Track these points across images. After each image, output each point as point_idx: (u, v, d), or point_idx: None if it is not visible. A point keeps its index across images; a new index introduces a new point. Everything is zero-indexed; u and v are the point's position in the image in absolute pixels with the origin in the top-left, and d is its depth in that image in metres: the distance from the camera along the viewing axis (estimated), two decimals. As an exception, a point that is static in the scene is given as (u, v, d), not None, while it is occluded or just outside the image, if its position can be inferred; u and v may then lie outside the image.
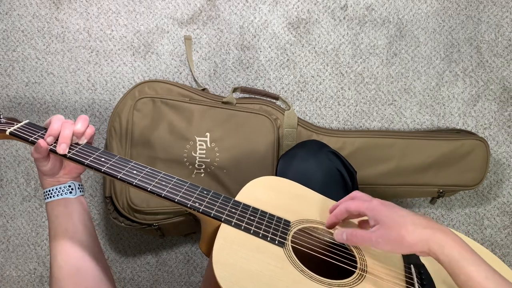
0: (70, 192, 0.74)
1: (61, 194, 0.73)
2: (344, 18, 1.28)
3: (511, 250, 1.26)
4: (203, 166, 1.07)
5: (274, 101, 1.18)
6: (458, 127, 1.26)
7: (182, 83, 1.15)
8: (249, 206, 0.70)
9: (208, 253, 0.71)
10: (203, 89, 1.17)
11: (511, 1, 1.28)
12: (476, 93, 1.27)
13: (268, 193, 0.74)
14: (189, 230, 1.20)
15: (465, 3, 1.28)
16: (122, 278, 1.28)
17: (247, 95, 1.21)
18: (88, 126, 0.74)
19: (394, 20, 1.28)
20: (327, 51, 1.28)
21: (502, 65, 1.27)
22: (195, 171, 1.07)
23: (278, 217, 0.70)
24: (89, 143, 0.75)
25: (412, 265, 0.68)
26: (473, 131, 1.25)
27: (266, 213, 0.70)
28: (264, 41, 1.28)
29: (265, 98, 1.17)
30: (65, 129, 0.71)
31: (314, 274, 0.64)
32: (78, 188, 0.76)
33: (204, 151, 1.07)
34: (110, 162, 0.72)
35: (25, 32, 1.29)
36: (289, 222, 0.70)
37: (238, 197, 0.72)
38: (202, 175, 1.07)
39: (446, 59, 1.27)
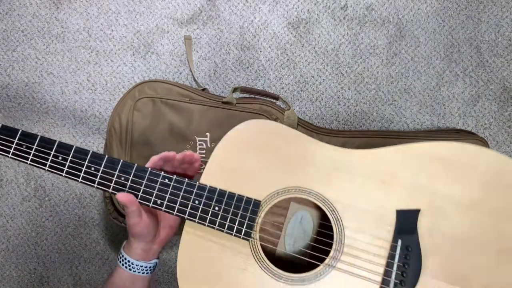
0: (148, 272, 0.70)
1: (140, 272, 0.69)
2: (344, 18, 1.28)
3: None
4: (203, 167, 1.07)
5: (274, 101, 1.18)
6: (458, 127, 1.26)
7: (182, 83, 1.15)
8: (215, 190, 0.64)
9: None
10: (203, 89, 1.17)
11: (511, 1, 1.28)
12: (476, 93, 1.27)
13: (243, 155, 0.65)
14: (189, 230, 1.20)
15: (465, 3, 1.28)
16: (122, 278, 1.28)
17: (247, 95, 1.21)
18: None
19: (394, 20, 1.28)
20: (327, 51, 1.28)
21: (502, 65, 1.27)
22: (195, 171, 1.07)
23: (247, 199, 0.64)
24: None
25: (400, 240, 0.61)
26: (473, 131, 1.25)
27: (233, 195, 0.64)
28: (264, 41, 1.28)
29: (265, 98, 1.17)
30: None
31: (278, 269, 0.62)
32: (154, 267, 0.72)
33: (204, 151, 1.07)
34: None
35: (25, 32, 1.29)
36: (258, 202, 0.63)
37: (208, 168, 0.65)
38: (202, 175, 1.07)
39: (446, 59, 1.27)
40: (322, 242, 0.68)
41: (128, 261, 0.69)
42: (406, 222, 0.61)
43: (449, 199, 0.61)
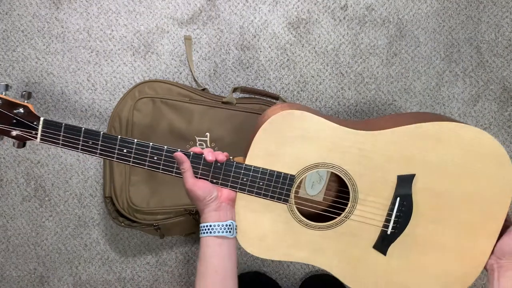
0: (229, 232, 0.78)
1: (221, 232, 0.77)
2: (344, 18, 1.28)
3: (511, 250, 1.26)
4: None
5: (274, 101, 1.18)
6: (458, 127, 1.26)
7: (182, 83, 1.15)
8: (259, 169, 0.81)
9: None
10: (203, 89, 1.17)
11: (511, 1, 1.28)
12: (476, 93, 1.27)
13: (278, 140, 0.82)
14: (189, 230, 1.20)
15: (465, 3, 1.28)
16: (122, 278, 1.28)
17: (247, 95, 1.21)
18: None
19: (394, 20, 1.28)
20: (327, 51, 1.28)
21: (502, 65, 1.27)
22: (195, 171, 1.07)
23: (284, 175, 0.81)
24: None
25: (398, 197, 0.81)
26: (473, 131, 1.25)
27: (273, 172, 0.81)
28: (264, 41, 1.28)
29: (265, 98, 1.17)
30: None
31: (309, 221, 0.83)
32: (235, 229, 0.80)
33: (204, 151, 1.07)
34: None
35: (25, 32, 1.29)
36: (293, 177, 0.82)
37: (251, 153, 0.82)
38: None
39: (446, 59, 1.27)
40: (336, 205, 0.89)
41: (207, 226, 0.77)
42: (404, 184, 0.81)
43: (437, 165, 0.80)
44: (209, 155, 0.78)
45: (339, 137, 0.81)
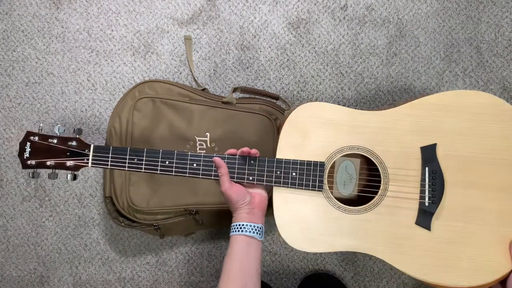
0: (259, 234, 0.82)
1: (251, 232, 0.81)
2: (344, 18, 1.28)
3: (511, 250, 1.26)
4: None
5: (274, 101, 1.18)
6: (458, 127, 1.26)
7: (182, 83, 1.15)
8: (289, 161, 0.86)
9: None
10: (203, 89, 1.17)
11: (511, 1, 1.28)
12: (476, 93, 1.27)
13: (303, 131, 0.88)
14: (189, 230, 1.20)
15: (465, 3, 1.28)
16: (122, 278, 1.28)
17: (247, 95, 1.21)
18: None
19: (394, 20, 1.28)
20: (327, 51, 1.28)
21: (502, 65, 1.27)
22: (195, 171, 1.07)
23: (314, 163, 0.86)
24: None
25: (427, 167, 0.84)
26: (473, 131, 1.25)
27: (304, 162, 0.86)
28: (264, 41, 1.28)
29: (265, 98, 1.17)
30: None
31: (345, 205, 0.86)
32: (263, 233, 0.85)
33: (204, 151, 1.07)
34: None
35: (25, 32, 1.29)
36: (323, 163, 0.86)
37: (279, 147, 0.88)
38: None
39: (446, 59, 1.27)
40: (368, 187, 0.93)
41: (238, 225, 0.82)
42: (428, 154, 0.85)
43: (453, 132, 0.85)
44: (251, 151, 0.86)
45: (358, 119, 0.87)
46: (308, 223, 0.86)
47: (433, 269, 0.82)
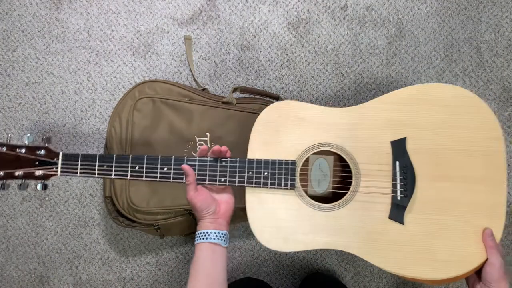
0: (223, 241, 0.82)
1: (216, 239, 0.81)
2: (344, 18, 1.28)
3: (511, 250, 1.26)
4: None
5: (274, 101, 1.18)
6: (458, 127, 1.26)
7: (182, 83, 1.15)
8: (261, 161, 0.86)
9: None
10: (203, 89, 1.17)
11: (511, 1, 1.28)
12: (476, 93, 1.27)
13: (272, 130, 0.88)
14: (189, 230, 1.20)
15: (465, 3, 1.28)
16: (122, 278, 1.28)
17: (247, 95, 1.21)
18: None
19: (394, 20, 1.28)
20: (327, 51, 1.28)
21: (502, 65, 1.27)
22: (195, 171, 1.07)
23: (285, 161, 0.86)
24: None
25: (397, 162, 0.84)
26: (473, 131, 1.25)
27: (275, 161, 0.86)
28: (264, 41, 1.28)
29: (265, 98, 1.17)
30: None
31: (318, 203, 0.85)
32: (228, 240, 0.84)
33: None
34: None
35: (25, 32, 1.29)
36: (294, 162, 0.86)
37: (250, 147, 0.88)
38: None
39: (446, 59, 1.27)
40: (341, 183, 0.93)
41: (203, 232, 0.82)
42: (398, 149, 0.85)
43: (423, 125, 0.85)
44: (222, 148, 0.84)
45: (328, 116, 0.87)
46: (282, 222, 0.85)
47: (409, 263, 0.82)
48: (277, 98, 1.18)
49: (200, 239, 0.82)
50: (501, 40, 1.27)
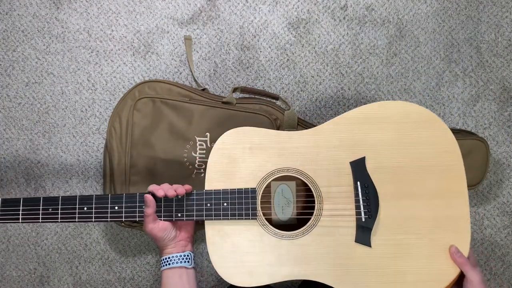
0: (188, 262, 0.82)
1: (180, 262, 0.80)
2: (344, 18, 1.28)
3: (511, 250, 1.26)
4: (203, 166, 1.07)
5: (274, 101, 1.18)
6: (458, 127, 1.26)
7: (182, 83, 1.15)
8: (219, 191, 0.82)
9: None
10: (203, 89, 1.18)
11: (511, 1, 1.28)
12: (476, 93, 1.27)
13: (230, 158, 0.85)
14: (189, 230, 1.21)
15: (465, 3, 1.28)
16: (122, 278, 1.28)
17: (247, 95, 1.21)
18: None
19: (394, 20, 1.28)
20: (327, 51, 1.28)
21: (502, 65, 1.27)
22: (195, 171, 1.07)
23: (245, 190, 0.83)
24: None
25: (358, 182, 0.83)
26: (473, 131, 1.25)
27: (234, 190, 0.82)
28: (264, 41, 1.28)
29: (265, 98, 1.17)
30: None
31: (282, 231, 0.82)
32: (193, 259, 0.84)
33: (204, 151, 1.07)
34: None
35: (25, 32, 1.29)
36: (254, 189, 0.83)
37: (208, 177, 0.84)
38: (202, 175, 1.07)
39: (446, 59, 1.27)
40: (304, 208, 0.91)
41: (166, 258, 0.81)
42: (358, 169, 0.83)
43: (380, 143, 0.84)
44: (160, 191, 0.79)
45: (285, 140, 0.85)
46: (245, 255, 0.81)
47: (380, 286, 0.80)
48: (277, 98, 1.18)
49: (164, 265, 0.81)
50: (501, 40, 1.27)
